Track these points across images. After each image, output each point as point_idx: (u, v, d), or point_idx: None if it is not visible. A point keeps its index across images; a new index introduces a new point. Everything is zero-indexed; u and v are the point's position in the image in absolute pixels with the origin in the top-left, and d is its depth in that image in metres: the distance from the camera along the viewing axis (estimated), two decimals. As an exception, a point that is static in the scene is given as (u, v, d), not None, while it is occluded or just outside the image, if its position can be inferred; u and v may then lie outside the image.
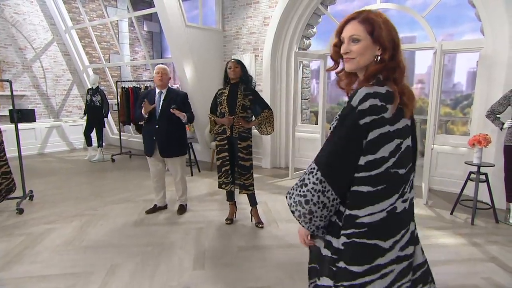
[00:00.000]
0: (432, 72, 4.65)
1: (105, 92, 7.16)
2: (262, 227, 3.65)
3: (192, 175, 5.80)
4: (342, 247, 1.25)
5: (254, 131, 3.75)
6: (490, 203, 3.93)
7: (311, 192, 1.26)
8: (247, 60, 6.47)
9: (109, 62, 9.41)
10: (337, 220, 1.28)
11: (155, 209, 4.12)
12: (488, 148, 3.96)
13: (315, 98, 7.87)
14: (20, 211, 4.00)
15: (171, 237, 3.42)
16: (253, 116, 3.54)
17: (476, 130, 4.58)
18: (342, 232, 1.25)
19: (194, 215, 4.03)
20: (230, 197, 3.77)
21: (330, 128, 1.29)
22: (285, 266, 2.87)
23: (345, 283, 1.25)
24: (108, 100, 7.19)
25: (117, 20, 9.80)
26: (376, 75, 1.22)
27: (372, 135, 1.17)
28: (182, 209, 4.09)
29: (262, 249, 3.19)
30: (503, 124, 3.77)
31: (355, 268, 1.23)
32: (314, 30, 6.40)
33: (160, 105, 3.72)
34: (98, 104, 6.81)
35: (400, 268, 1.27)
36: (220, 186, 3.67)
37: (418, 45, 5.37)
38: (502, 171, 3.95)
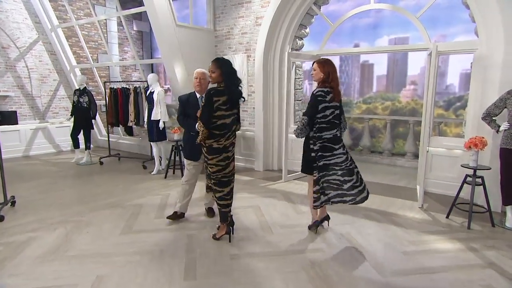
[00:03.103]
0: (427, 74, 4.60)
1: (93, 93, 6.95)
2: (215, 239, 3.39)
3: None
4: (318, 148, 3.24)
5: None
6: (486, 207, 3.88)
7: (301, 127, 3.24)
8: (239, 60, 6.36)
9: (97, 62, 9.18)
10: (313, 139, 3.27)
11: (176, 216, 3.84)
12: (483, 151, 3.91)
13: (307, 100, 7.79)
14: (1, 218, 3.81)
15: (160, 244, 3.27)
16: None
17: (471, 132, 4.54)
18: (317, 142, 3.25)
19: (184, 221, 3.88)
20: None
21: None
22: (280, 275, 2.75)
23: (320, 163, 3.25)
24: (96, 101, 6.99)
25: (106, 19, 9.58)
26: (323, 83, 3.23)
27: (320, 106, 3.18)
28: (212, 211, 3.99)
29: (256, 256, 3.07)
30: (499, 126, 3.73)
31: (325, 154, 3.23)
32: (307, 30, 6.32)
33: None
34: (85, 105, 6.61)
35: (342, 157, 3.27)
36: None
37: (412, 46, 5.32)
38: (497, 174, 3.91)
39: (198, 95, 3.68)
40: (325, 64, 3.22)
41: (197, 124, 3.14)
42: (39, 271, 2.77)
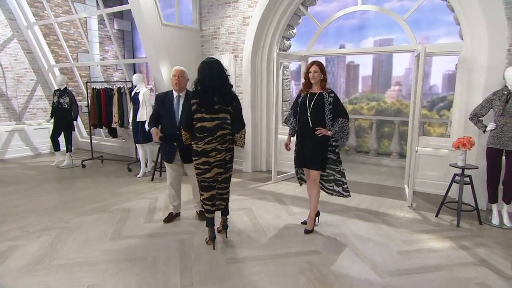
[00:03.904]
0: (414, 75, 4.68)
1: (73, 93, 6.70)
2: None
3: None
4: (337, 144, 3.58)
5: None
6: (473, 205, 3.97)
7: (347, 129, 3.44)
8: (226, 60, 6.28)
9: (78, 62, 8.86)
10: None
11: (171, 217, 3.87)
12: (471, 150, 3.99)
13: (293, 99, 7.81)
14: (-21, 227, 3.59)
15: (152, 250, 3.16)
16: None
17: (457, 132, 4.65)
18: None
19: (176, 225, 3.78)
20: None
21: (331, 100, 3.42)
22: (279, 278, 2.71)
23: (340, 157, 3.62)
24: (77, 102, 6.73)
25: (86, 17, 9.27)
26: (322, 83, 3.44)
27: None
28: (203, 215, 3.80)
29: (253, 260, 3.01)
30: (485, 126, 3.82)
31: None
32: (295, 31, 6.31)
33: (180, 110, 3.52)
34: (66, 106, 6.35)
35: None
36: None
37: (399, 48, 5.41)
38: (483, 173, 4.01)
39: (175, 94, 3.58)
40: (323, 66, 3.40)
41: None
42: (24, 283, 2.61)
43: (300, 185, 3.86)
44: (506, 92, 3.68)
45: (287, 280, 2.70)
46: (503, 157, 3.80)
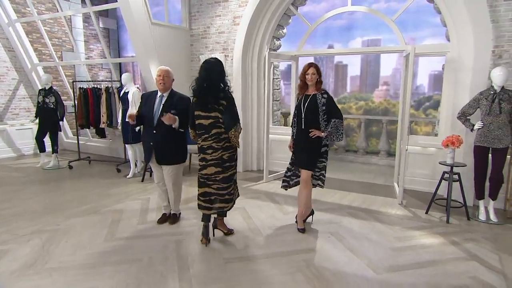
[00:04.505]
0: (403, 74, 4.78)
1: (59, 93, 6.53)
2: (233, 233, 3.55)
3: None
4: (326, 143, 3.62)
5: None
6: (461, 201, 4.09)
7: (341, 129, 3.44)
8: (217, 60, 6.25)
9: (62, 60, 8.65)
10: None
11: (165, 218, 3.84)
12: (459, 148, 4.11)
13: (282, 100, 7.86)
14: (-35, 231, 3.46)
15: (148, 251, 3.13)
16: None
17: (444, 131, 4.78)
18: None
19: (170, 226, 3.74)
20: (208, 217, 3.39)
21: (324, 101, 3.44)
22: (278, 277, 2.72)
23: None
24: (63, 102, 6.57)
25: (70, 15, 9.06)
26: (318, 85, 3.47)
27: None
28: (175, 219, 3.83)
29: (250, 260, 3.02)
30: (473, 125, 3.94)
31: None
32: (284, 31, 6.35)
33: (160, 110, 3.48)
34: (52, 106, 6.19)
35: None
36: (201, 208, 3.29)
37: (389, 48, 5.51)
38: (469, 170, 4.14)
39: (159, 94, 3.56)
40: (319, 68, 3.46)
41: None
42: (18, 287, 2.54)
43: (286, 190, 3.88)
44: (492, 92, 3.81)
45: (285, 278, 2.71)
46: (490, 155, 3.93)
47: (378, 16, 5.27)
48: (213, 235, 3.44)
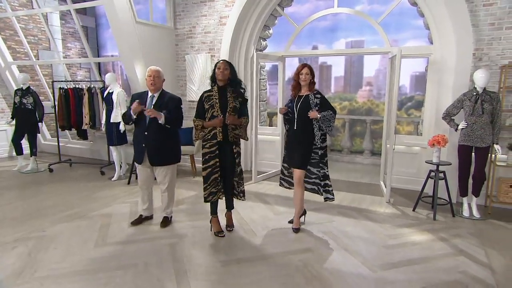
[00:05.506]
0: (389, 75, 4.90)
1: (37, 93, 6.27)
2: (231, 230, 3.63)
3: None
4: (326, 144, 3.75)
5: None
6: (446, 199, 4.24)
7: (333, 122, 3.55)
8: (203, 60, 6.20)
9: (38, 59, 8.31)
10: (323, 135, 3.62)
11: (141, 220, 3.79)
12: (445, 148, 4.25)
13: (268, 100, 7.88)
14: None
15: (143, 256, 3.05)
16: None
17: (428, 131, 4.94)
18: (324, 138, 3.64)
19: (163, 229, 3.67)
20: (215, 210, 3.58)
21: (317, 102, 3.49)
22: (277, 278, 2.72)
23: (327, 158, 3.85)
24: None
25: (46, 13, 8.71)
26: (311, 85, 3.51)
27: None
28: (166, 222, 3.76)
29: (247, 261, 3.00)
30: (457, 125, 4.09)
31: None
32: (271, 31, 6.36)
33: None
34: (30, 107, 5.94)
35: None
36: (206, 199, 3.42)
37: (375, 50, 5.63)
38: (455, 169, 4.29)
39: (149, 94, 3.53)
40: (312, 68, 3.50)
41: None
42: (7, 299, 2.42)
43: (281, 186, 3.97)
44: (475, 93, 3.96)
45: (285, 279, 2.72)
46: (473, 154, 4.09)
47: (364, 18, 5.38)
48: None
